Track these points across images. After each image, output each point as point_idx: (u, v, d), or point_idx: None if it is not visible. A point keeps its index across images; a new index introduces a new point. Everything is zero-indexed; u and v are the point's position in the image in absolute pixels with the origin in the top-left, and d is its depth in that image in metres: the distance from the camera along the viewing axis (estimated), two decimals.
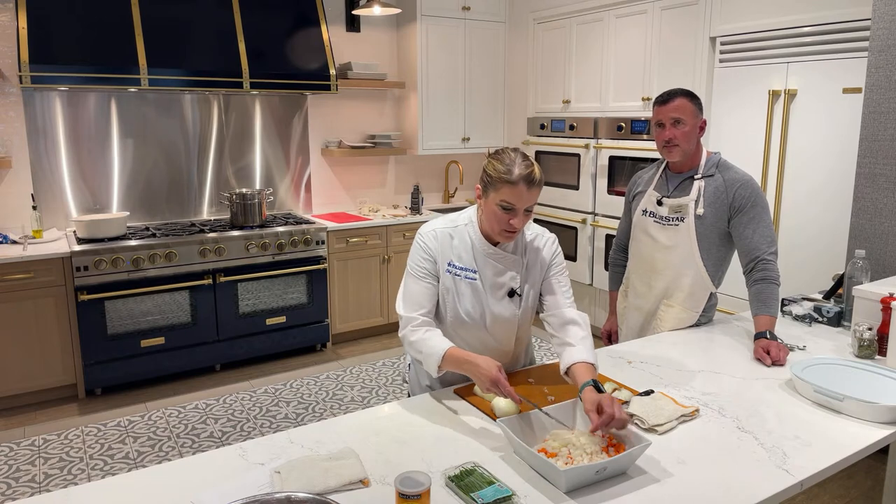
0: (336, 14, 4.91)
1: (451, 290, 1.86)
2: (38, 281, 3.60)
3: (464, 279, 1.85)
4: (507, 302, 1.88)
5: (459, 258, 1.86)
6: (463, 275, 1.85)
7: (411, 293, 1.84)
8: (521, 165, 1.72)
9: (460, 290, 1.86)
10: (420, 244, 1.87)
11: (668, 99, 2.24)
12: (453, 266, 1.86)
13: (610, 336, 2.64)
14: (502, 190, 1.72)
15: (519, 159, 1.74)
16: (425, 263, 1.85)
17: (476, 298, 1.86)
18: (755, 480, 1.40)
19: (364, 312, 4.76)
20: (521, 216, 1.75)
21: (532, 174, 1.72)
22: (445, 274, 1.86)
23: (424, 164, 5.52)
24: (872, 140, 2.79)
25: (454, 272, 1.86)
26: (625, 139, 4.35)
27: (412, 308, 1.82)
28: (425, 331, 1.78)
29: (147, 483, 1.38)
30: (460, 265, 1.86)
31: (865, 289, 2.18)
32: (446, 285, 1.86)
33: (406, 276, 1.88)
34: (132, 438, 3.35)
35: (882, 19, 2.72)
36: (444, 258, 1.86)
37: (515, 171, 1.71)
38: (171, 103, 4.37)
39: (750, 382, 1.91)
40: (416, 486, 1.20)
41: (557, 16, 4.82)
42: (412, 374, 2.11)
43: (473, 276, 1.85)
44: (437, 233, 1.88)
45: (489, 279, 1.86)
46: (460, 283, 1.86)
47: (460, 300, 1.86)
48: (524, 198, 1.72)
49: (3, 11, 3.83)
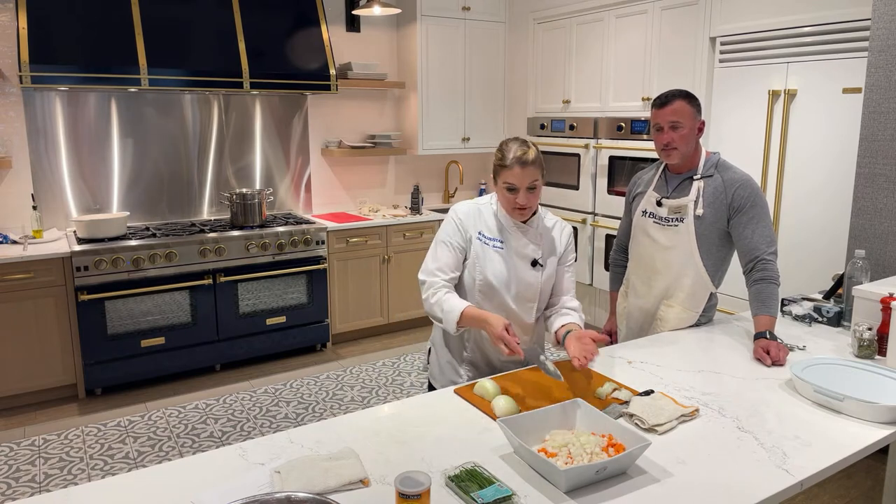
0: (336, 14, 4.91)
1: (482, 257, 2.05)
2: (39, 281, 3.60)
3: (492, 248, 2.05)
4: (531, 270, 2.07)
5: (489, 229, 2.07)
6: (491, 244, 2.06)
7: (439, 258, 2.05)
8: (515, 150, 1.93)
9: (489, 257, 2.05)
10: (453, 219, 2.08)
11: (666, 102, 2.23)
12: (483, 236, 2.06)
13: (610, 336, 2.64)
14: (503, 174, 1.95)
15: (515, 145, 1.94)
16: (457, 234, 2.06)
17: (504, 264, 2.05)
18: (755, 480, 1.40)
19: (364, 312, 4.76)
20: (524, 193, 1.95)
21: (524, 155, 1.92)
22: (476, 242, 2.06)
23: (424, 164, 5.52)
24: (872, 140, 2.79)
25: (483, 240, 2.06)
26: (625, 139, 4.35)
27: (437, 271, 2.03)
28: (445, 292, 1.99)
29: (147, 483, 1.38)
30: (489, 235, 2.06)
31: (865, 289, 2.18)
32: (477, 252, 2.05)
33: (436, 245, 2.08)
34: (132, 438, 3.35)
35: (882, 19, 2.72)
36: (476, 229, 2.07)
37: (510, 156, 1.93)
38: (171, 103, 4.37)
39: (750, 382, 1.91)
40: (416, 486, 1.20)
41: (557, 16, 4.83)
42: (434, 365, 2.24)
43: (500, 245, 2.06)
44: (468, 208, 2.10)
45: (514, 249, 2.06)
46: (489, 250, 2.05)
47: (490, 265, 2.04)
48: (521, 177, 1.92)
49: (3, 11, 3.83)
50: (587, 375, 1.92)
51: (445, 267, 2.03)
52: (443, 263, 2.03)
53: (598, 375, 1.94)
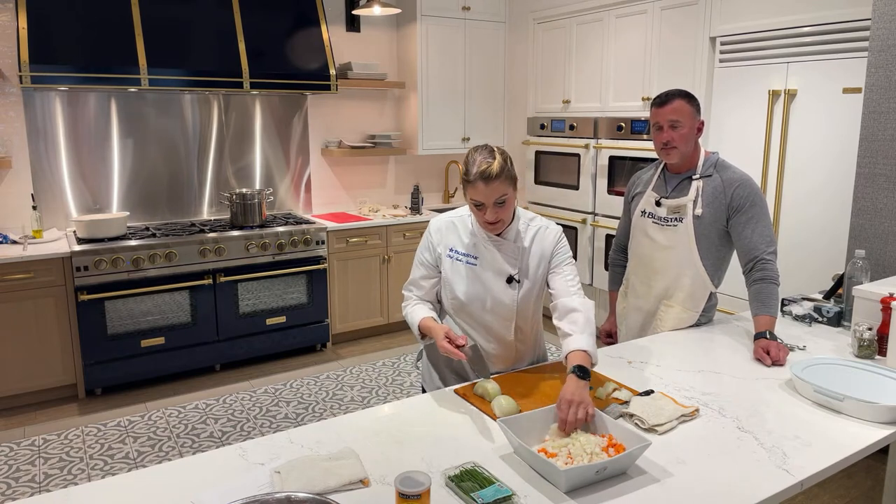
0: (336, 14, 4.91)
1: (451, 274, 1.99)
2: (38, 281, 3.60)
3: (465, 263, 1.97)
4: (506, 287, 1.96)
5: (462, 244, 1.98)
6: (464, 260, 1.97)
7: (413, 277, 2.05)
8: (478, 163, 1.78)
9: (459, 273, 1.97)
10: (427, 235, 2.04)
11: (666, 101, 2.23)
12: (455, 252, 1.98)
13: (610, 336, 2.64)
14: (468, 189, 1.83)
15: (480, 157, 1.79)
16: (426, 254, 2.02)
17: (476, 281, 1.96)
18: (755, 480, 1.40)
19: (364, 312, 4.76)
20: (492, 209, 1.81)
21: (487, 170, 1.76)
22: (446, 259, 1.99)
23: (424, 164, 5.52)
24: (872, 140, 2.79)
25: (455, 257, 1.98)
26: (625, 139, 4.35)
27: (411, 286, 2.05)
28: (413, 304, 2.00)
29: (147, 483, 1.38)
30: (462, 251, 1.97)
31: (865, 289, 2.18)
32: (446, 269, 1.99)
33: (414, 261, 2.08)
34: (132, 438, 3.35)
35: (882, 19, 2.72)
36: (447, 245, 1.99)
37: (473, 171, 1.78)
38: (171, 103, 4.37)
39: (750, 382, 1.91)
40: (416, 486, 1.20)
41: (557, 16, 4.82)
42: (424, 369, 2.22)
43: (474, 261, 1.96)
44: (442, 223, 2.02)
45: (489, 264, 1.95)
46: (460, 266, 1.97)
47: (460, 282, 1.97)
48: (486, 193, 1.78)
49: (3, 11, 3.83)
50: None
51: (418, 282, 2.03)
52: (416, 278, 2.04)
53: (598, 375, 1.94)
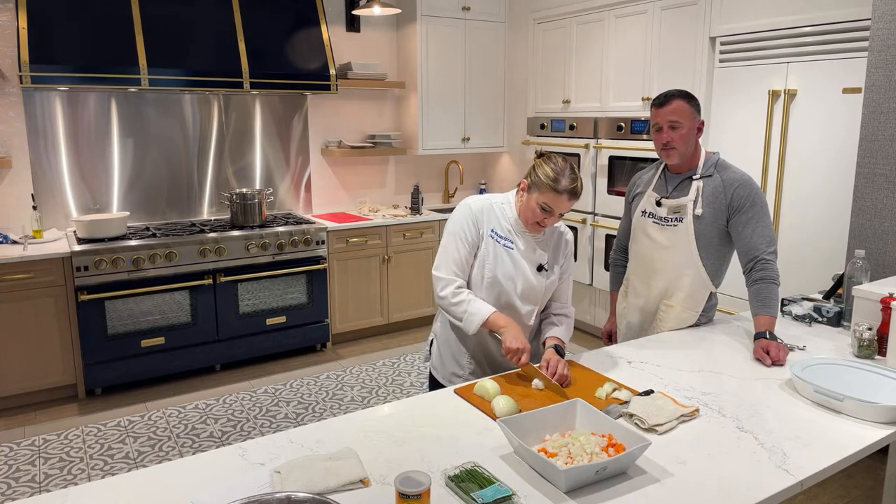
0: (336, 14, 4.91)
1: (492, 254, 2.06)
2: (38, 281, 3.60)
3: (503, 247, 2.06)
4: (536, 274, 2.08)
5: (501, 228, 2.07)
6: (503, 243, 2.06)
7: (453, 255, 2.05)
8: (568, 178, 1.93)
9: (500, 255, 2.06)
10: (467, 213, 2.06)
11: (665, 101, 2.23)
12: (495, 234, 2.06)
13: (610, 336, 2.64)
14: (547, 194, 1.94)
15: (567, 171, 1.94)
16: (471, 229, 2.05)
17: (513, 265, 2.06)
18: (755, 480, 1.40)
19: (364, 312, 4.76)
20: (555, 218, 1.99)
21: (576, 188, 1.94)
22: (488, 238, 2.06)
23: (424, 164, 5.52)
24: (872, 140, 2.79)
25: (496, 238, 2.06)
26: (625, 139, 4.35)
27: (453, 271, 2.05)
28: (468, 293, 2.04)
29: (147, 483, 1.38)
30: (502, 234, 2.07)
31: (865, 289, 2.18)
32: (488, 249, 2.06)
33: (449, 238, 2.07)
34: (132, 438, 3.35)
35: (882, 19, 2.72)
36: (489, 226, 2.07)
37: (563, 183, 1.92)
38: (171, 103, 4.37)
39: (750, 382, 1.91)
40: (416, 486, 1.20)
41: (557, 16, 4.83)
42: (436, 357, 2.25)
43: (511, 245, 2.06)
44: (482, 204, 2.09)
45: (523, 252, 2.07)
46: (500, 249, 2.06)
47: (500, 264, 2.05)
48: (564, 205, 1.95)
49: (3, 11, 3.83)
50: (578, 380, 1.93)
51: (463, 263, 2.05)
52: (460, 260, 2.05)
53: (598, 375, 1.94)
